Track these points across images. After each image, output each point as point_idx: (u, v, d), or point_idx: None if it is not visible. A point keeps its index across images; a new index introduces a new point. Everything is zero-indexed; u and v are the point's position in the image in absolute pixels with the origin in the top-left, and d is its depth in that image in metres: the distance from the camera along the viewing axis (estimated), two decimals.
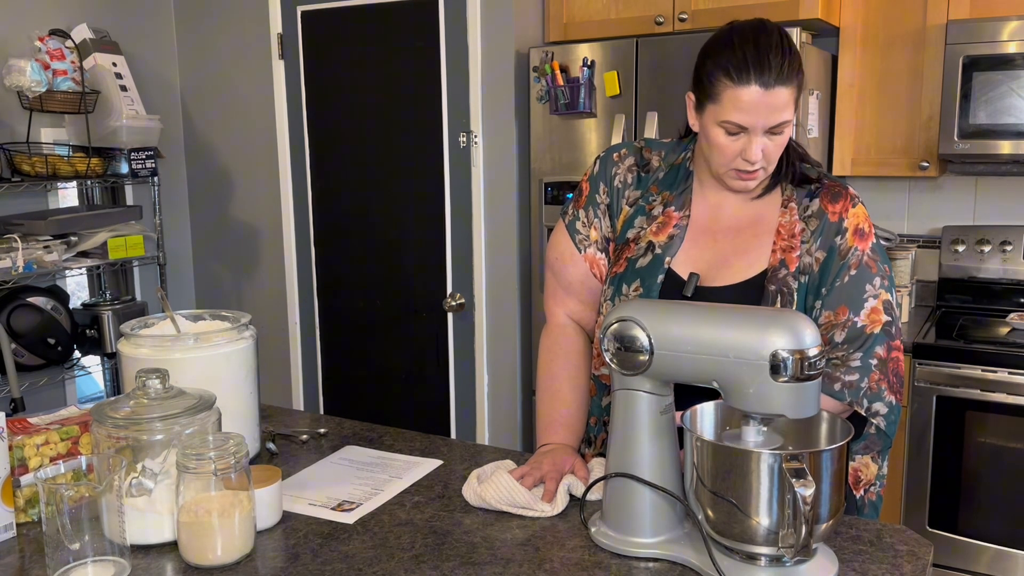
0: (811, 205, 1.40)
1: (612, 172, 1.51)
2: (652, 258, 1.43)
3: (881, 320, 1.36)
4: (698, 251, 1.42)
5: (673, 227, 1.44)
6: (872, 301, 1.36)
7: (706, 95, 1.31)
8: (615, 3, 2.84)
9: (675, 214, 1.44)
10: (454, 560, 1.18)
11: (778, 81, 1.27)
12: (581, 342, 1.56)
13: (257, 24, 3.35)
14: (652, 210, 1.46)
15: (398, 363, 3.26)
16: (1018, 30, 2.51)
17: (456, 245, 3.06)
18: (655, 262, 1.42)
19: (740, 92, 1.27)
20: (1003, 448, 2.45)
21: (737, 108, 1.27)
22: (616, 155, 1.53)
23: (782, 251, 1.38)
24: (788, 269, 1.37)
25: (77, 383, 3.27)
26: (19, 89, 2.73)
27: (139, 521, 1.20)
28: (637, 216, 1.48)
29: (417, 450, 1.60)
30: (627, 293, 1.43)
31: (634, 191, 1.49)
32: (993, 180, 2.96)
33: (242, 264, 3.60)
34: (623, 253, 1.47)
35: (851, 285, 1.36)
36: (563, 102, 2.78)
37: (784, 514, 1.06)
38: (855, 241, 1.37)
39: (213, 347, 1.41)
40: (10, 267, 2.61)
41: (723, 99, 1.28)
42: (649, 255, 1.43)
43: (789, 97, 1.29)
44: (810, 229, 1.39)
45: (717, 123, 1.31)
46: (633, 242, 1.46)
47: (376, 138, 3.17)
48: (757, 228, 1.42)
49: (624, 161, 1.51)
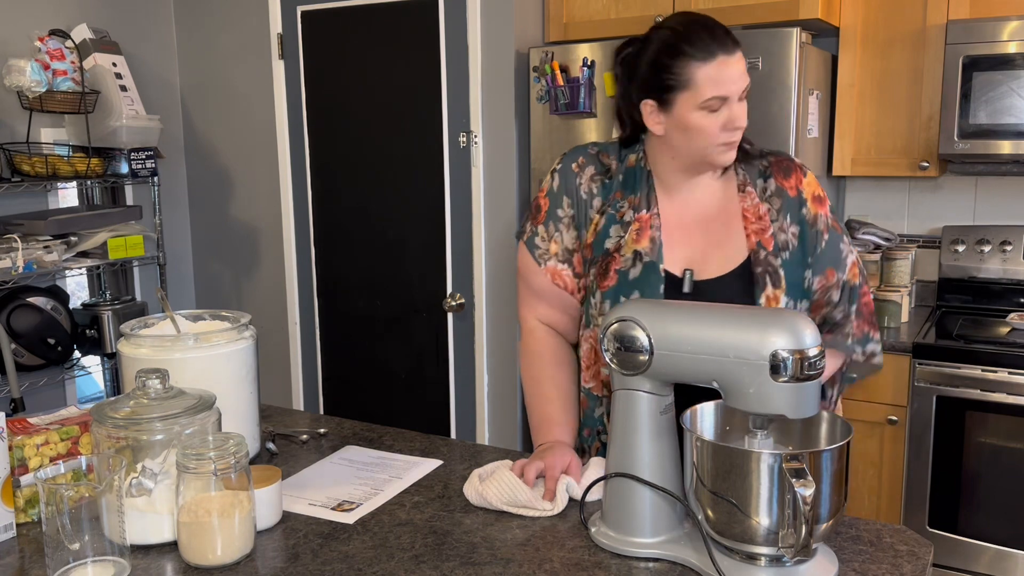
0: (768, 185, 1.46)
1: (575, 183, 1.51)
2: (643, 266, 1.43)
3: (857, 271, 1.50)
4: (680, 248, 1.45)
5: (650, 230, 1.44)
6: (851, 256, 1.49)
7: (676, 88, 1.35)
8: (615, 3, 2.84)
9: (645, 216, 1.45)
10: (454, 560, 1.18)
11: (734, 45, 1.35)
12: (555, 343, 1.58)
13: (257, 24, 3.35)
14: (623, 216, 1.47)
15: (398, 363, 3.26)
16: (1018, 30, 2.51)
17: (456, 245, 3.06)
18: (648, 269, 1.43)
19: (712, 67, 1.33)
20: (1003, 448, 2.45)
21: (715, 82, 1.33)
22: (575, 165, 1.52)
23: (755, 234, 1.43)
24: (767, 249, 1.43)
25: (77, 383, 3.27)
26: (19, 89, 2.73)
27: (139, 521, 1.20)
28: (611, 225, 1.47)
29: (417, 450, 1.60)
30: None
31: (599, 199, 1.50)
32: (993, 180, 2.96)
33: (242, 264, 3.60)
34: (609, 265, 1.45)
35: (829, 248, 1.46)
36: (563, 102, 2.78)
37: (784, 514, 1.06)
38: (817, 208, 1.46)
39: (213, 347, 1.41)
40: (10, 267, 2.61)
41: (698, 81, 1.33)
42: (639, 264, 1.43)
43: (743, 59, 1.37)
44: (775, 208, 1.45)
45: (696, 108, 1.34)
46: (616, 252, 1.45)
47: (376, 138, 3.17)
48: (724, 217, 1.46)
49: (585, 170, 1.51)
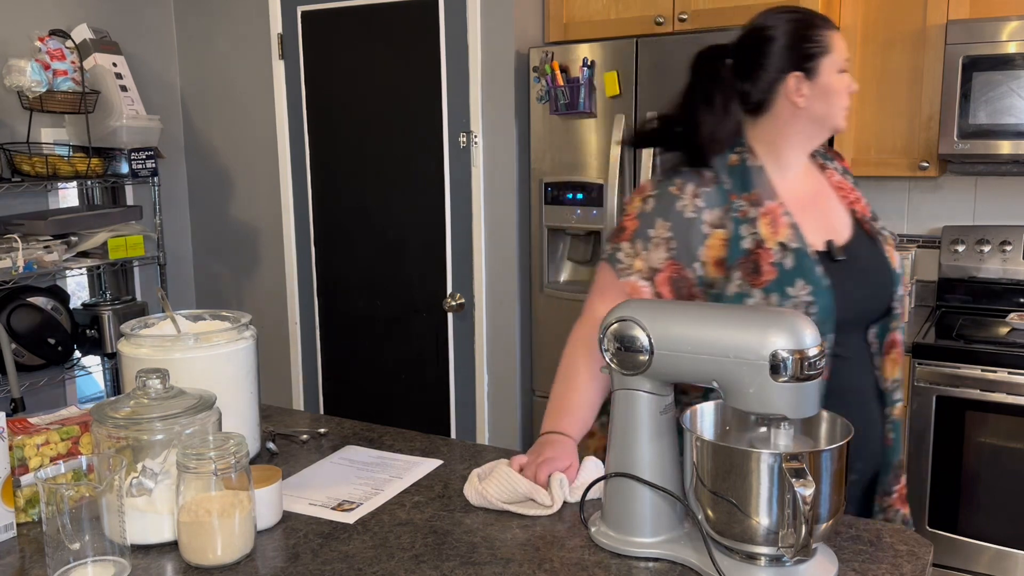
0: (833, 164, 1.64)
1: (675, 206, 1.47)
2: (794, 254, 1.43)
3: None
4: (809, 225, 1.50)
5: (783, 217, 1.46)
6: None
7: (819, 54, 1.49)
8: (615, 3, 2.84)
9: (772, 205, 1.47)
10: (454, 560, 1.18)
11: None
12: None
13: (257, 24, 3.35)
14: (747, 215, 1.46)
15: (398, 363, 3.26)
16: (1018, 30, 2.51)
17: (456, 245, 3.07)
18: (799, 255, 1.43)
19: (837, 34, 1.52)
20: (1003, 448, 2.45)
21: (842, 48, 1.51)
22: (673, 188, 1.49)
23: (850, 204, 1.58)
24: (866, 216, 1.57)
25: (77, 383, 3.27)
26: (19, 89, 2.73)
27: (139, 521, 1.20)
28: (739, 226, 1.45)
29: (417, 450, 1.60)
30: (796, 294, 1.42)
31: (714, 211, 1.47)
32: (993, 180, 2.96)
33: (242, 264, 3.60)
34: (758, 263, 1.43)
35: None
36: (563, 102, 2.78)
37: (784, 514, 1.06)
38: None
39: (213, 347, 1.41)
40: (10, 267, 2.61)
41: (835, 45, 1.50)
42: (789, 253, 1.43)
43: None
44: (849, 183, 1.62)
45: (837, 71, 1.50)
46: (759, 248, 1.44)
47: (376, 138, 3.17)
48: (825, 192, 1.58)
49: (686, 190, 1.48)
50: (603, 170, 2.77)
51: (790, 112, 1.50)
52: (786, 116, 1.51)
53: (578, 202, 2.82)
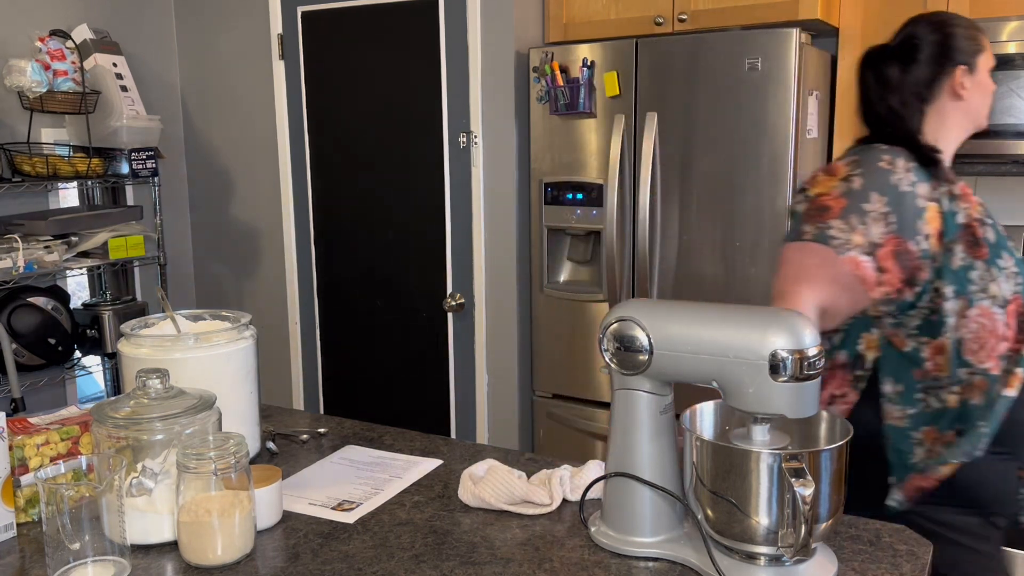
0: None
1: (890, 179, 1.46)
2: (993, 228, 1.54)
3: None
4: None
5: (973, 196, 1.56)
6: None
7: (979, 52, 1.59)
8: (615, 3, 2.85)
9: (962, 184, 1.56)
10: (454, 560, 1.18)
11: None
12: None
13: (257, 24, 3.35)
14: (952, 191, 1.53)
15: (398, 363, 3.26)
16: (1018, 30, 2.51)
17: (456, 245, 3.07)
18: (996, 230, 1.55)
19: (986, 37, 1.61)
20: None
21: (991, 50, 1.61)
22: (882, 163, 1.48)
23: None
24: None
25: (77, 383, 3.27)
26: (19, 89, 2.73)
27: (139, 521, 1.21)
28: (952, 202, 1.52)
29: (417, 450, 1.60)
30: (1006, 265, 1.53)
31: (924, 184, 1.49)
32: (993, 180, 2.96)
33: (242, 264, 3.60)
34: (975, 235, 1.51)
35: None
36: (563, 102, 2.78)
37: (784, 514, 1.06)
38: None
39: (213, 347, 1.41)
40: (10, 267, 2.61)
41: (987, 47, 1.60)
42: (990, 230, 1.54)
43: None
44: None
45: (988, 70, 1.60)
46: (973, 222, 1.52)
47: (376, 138, 3.17)
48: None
49: (897, 163, 1.48)
50: (603, 170, 2.77)
51: (952, 105, 1.60)
52: (948, 109, 1.60)
53: (578, 202, 2.83)
